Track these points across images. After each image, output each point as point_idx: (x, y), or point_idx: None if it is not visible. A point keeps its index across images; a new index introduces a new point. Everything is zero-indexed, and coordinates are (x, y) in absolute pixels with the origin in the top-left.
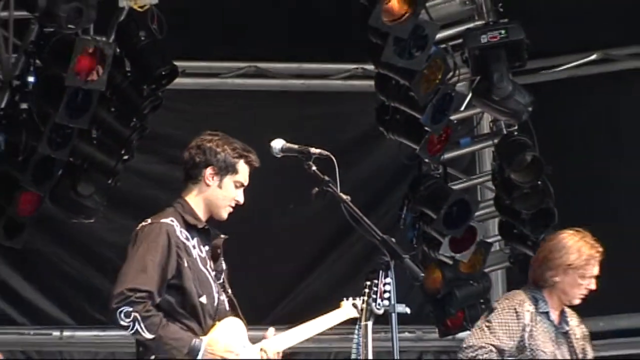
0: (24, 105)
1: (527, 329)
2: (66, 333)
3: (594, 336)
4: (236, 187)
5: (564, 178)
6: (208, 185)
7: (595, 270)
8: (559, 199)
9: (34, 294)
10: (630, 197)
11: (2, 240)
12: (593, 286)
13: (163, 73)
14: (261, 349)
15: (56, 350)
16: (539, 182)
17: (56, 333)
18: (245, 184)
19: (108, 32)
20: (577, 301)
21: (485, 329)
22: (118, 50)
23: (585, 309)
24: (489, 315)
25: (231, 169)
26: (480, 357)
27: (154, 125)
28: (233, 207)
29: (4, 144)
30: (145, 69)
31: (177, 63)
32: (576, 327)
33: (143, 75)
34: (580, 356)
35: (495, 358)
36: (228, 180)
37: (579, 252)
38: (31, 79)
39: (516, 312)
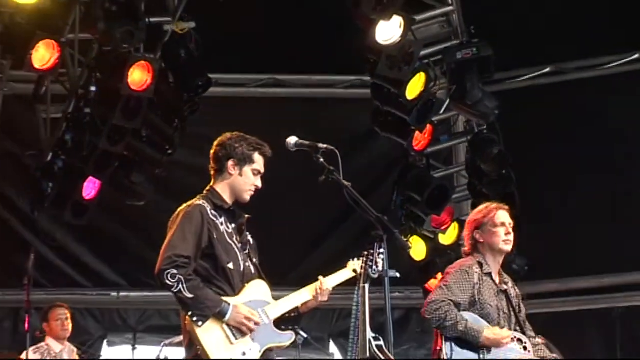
0: (87, 110)
1: (477, 287)
2: (122, 294)
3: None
4: (254, 174)
5: (525, 168)
6: (231, 175)
7: (501, 218)
8: (520, 185)
9: (96, 263)
10: (581, 175)
11: (69, 219)
12: (510, 232)
13: (199, 83)
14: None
15: (114, 308)
16: (504, 171)
17: (114, 294)
18: (262, 171)
19: (155, 50)
20: (507, 248)
21: (444, 287)
22: (163, 64)
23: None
24: (446, 277)
25: (249, 160)
26: (441, 310)
27: (193, 125)
28: (253, 191)
29: (71, 141)
30: (184, 80)
31: (210, 75)
32: (511, 288)
33: (183, 85)
34: (517, 312)
35: (453, 310)
36: (247, 169)
37: (482, 210)
38: (93, 88)
39: (467, 274)
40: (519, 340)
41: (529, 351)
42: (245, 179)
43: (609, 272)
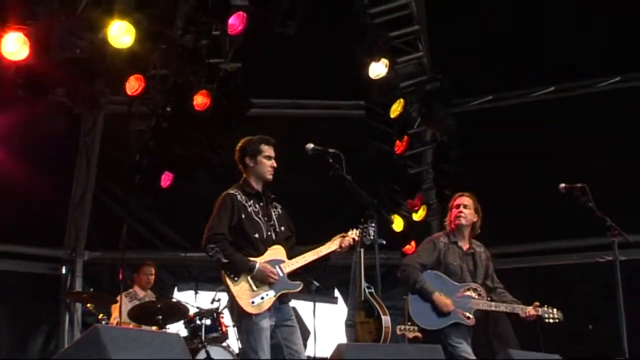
0: (164, 124)
1: (442, 252)
2: (187, 254)
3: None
4: (267, 159)
5: (477, 167)
6: (251, 166)
7: (456, 201)
8: (474, 180)
9: (169, 231)
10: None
11: (150, 201)
12: (461, 211)
13: (243, 106)
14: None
15: (182, 264)
16: (459, 169)
17: (182, 254)
18: (272, 155)
19: (213, 82)
20: (457, 222)
21: (414, 254)
22: (218, 93)
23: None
24: (418, 247)
25: (258, 151)
26: (407, 271)
27: (239, 136)
28: (272, 171)
29: (153, 146)
30: (233, 103)
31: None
32: (482, 252)
33: (232, 107)
34: (483, 269)
35: (416, 272)
36: (260, 158)
37: (454, 199)
38: (168, 109)
39: (434, 243)
40: (474, 289)
41: (482, 296)
42: (261, 166)
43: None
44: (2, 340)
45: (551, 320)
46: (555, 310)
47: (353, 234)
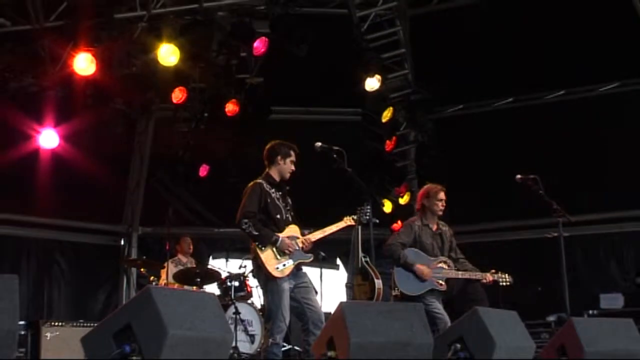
0: (202, 126)
1: (417, 233)
2: (220, 229)
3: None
4: (291, 163)
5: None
6: (279, 164)
7: (441, 196)
8: (448, 172)
9: (206, 212)
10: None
11: (191, 188)
12: (444, 205)
13: (265, 111)
14: (302, 240)
15: (215, 238)
16: (436, 164)
17: (215, 230)
18: (295, 160)
19: (240, 93)
20: (440, 213)
21: (396, 234)
22: (246, 101)
23: None
24: (399, 229)
25: (287, 155)
26: (391, 249)
27: (260, 136)
28: (291, 172)
29: (193, 144)
30: (258, 110)
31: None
32: (447, 230)
33: (257, 112)
34: (448, 244)
35: (399, 249)
36: (287, 160)
37: (431, 187)
38: (205, 114)
39: (410, 226)
40: (444, 262)
41: (451, 267)
42: (286, 166)
43: (496, 220)
44: (74, 297)
45: (504, 284)
46: (507, 275)
47: (349, 219)
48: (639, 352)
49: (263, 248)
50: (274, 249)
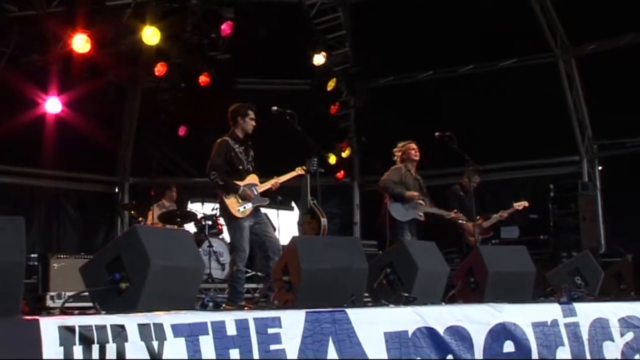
0: (180, 95)
1: (403, 176)
2: (196, 179)
3: None
4: (250, 120)
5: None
6: (240, 123)
7: (412, 146)
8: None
9: (184, 162)
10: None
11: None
12: (418, 153)
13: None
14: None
15: (192, 185)
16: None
17: (192, 179)
18: (254, 117)
19: (211, 67)
20: (416, 157)
21: (387, 174)
22: (215, 74)
23: None
24: (388, 171)
25: (245, 114)
26: (385, 183)
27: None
28: (252, 127)
29: (173, 109)
30: (226, 81)
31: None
32: (420, 178)
33: (225, 83)
34: (424, 189)
35: (391, 183)
36: (246, 118)
37: (405, 144)
38: (182, 85)
39: (398, 170)
40: (423, 200)
41: (426, 204)
42: (246, 124)
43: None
44: (76, 237)
45: (461, 221)
46: (461, 214)
47: (300, 169)
48: (530, 271)
49: (227, 195)
50: (236, 196)
